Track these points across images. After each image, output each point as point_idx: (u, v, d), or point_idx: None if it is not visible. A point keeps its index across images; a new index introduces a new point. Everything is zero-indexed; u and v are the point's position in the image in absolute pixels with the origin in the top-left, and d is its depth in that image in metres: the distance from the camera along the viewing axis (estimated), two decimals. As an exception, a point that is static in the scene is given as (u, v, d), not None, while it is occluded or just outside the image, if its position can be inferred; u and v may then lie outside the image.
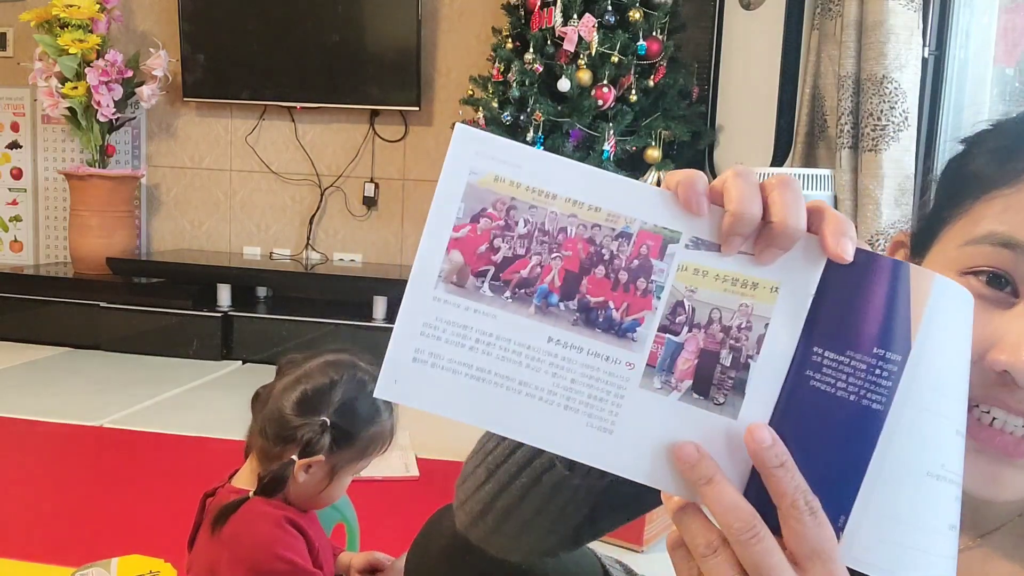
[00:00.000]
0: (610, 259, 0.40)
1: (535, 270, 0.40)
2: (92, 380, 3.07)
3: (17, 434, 2.43)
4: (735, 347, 0.40)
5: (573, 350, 0.40)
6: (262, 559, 1.01)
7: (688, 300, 0.40)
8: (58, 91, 3.69)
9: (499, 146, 0.41)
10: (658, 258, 0.40)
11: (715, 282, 0.40)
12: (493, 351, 0.40)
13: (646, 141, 3.09)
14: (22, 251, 4.34)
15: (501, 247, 0.40)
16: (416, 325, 0.41)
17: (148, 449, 2.28)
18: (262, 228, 4.22)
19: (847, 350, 0.39)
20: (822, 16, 2.71)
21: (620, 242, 0.40)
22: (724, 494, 0.40)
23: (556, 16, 3.07)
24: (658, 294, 0.40)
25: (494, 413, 0.41)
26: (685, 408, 0.41)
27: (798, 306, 0.40)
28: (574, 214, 0.40)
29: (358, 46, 3.84)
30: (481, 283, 0.40)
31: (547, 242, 0.40)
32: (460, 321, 0.40)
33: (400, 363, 0.42)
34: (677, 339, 0.40)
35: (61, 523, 1.82)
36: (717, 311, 0.40)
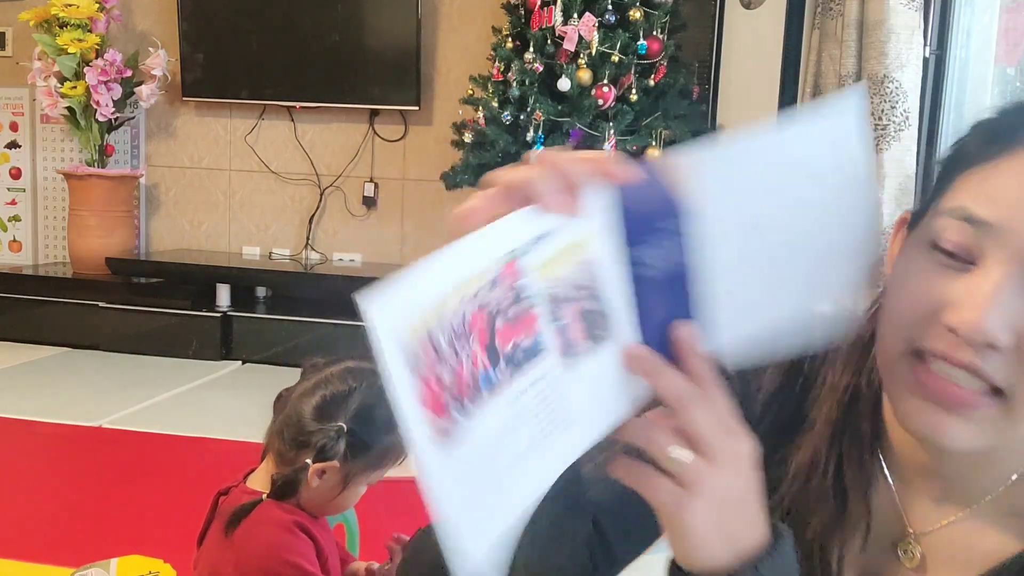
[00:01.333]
0: (497, 309, 0.43)
1: (467, 367, 0.42)
2: (92, 380, 3.06)
3: (17, 434, 2.42)
4: (592, 292, 0.47)
5: (523, 395, 0.44)
6: (270, 563, 1.01)
7: (553, 290, 0.45)
8: (57, 91, 3.69)
9: (401, 293, 0.43)
10: (519, 278, 0.44)
11: (559, 262, 0.45)
12: (489, 453, 0.44)
13: (646, 141, 3.09)
14: (21, 251, 4.34)
15: (443, 375, 0.41)
16: (461, 503, 0.43)
17: (148, 449, 2.28)
18: (261, 228, 4.22)
19: (648, 236, 0.48)
20: (823, 15, 2.71)
21: (495, 289, 0.43)
22: (672, 375, 0.48)
23: (556, 15, 3.07)
24: (535, 305, 0.44)
25: (522, 493, 0.46)
26: (593, 360, 0.47)
27: (610, 232, 0.47)
28: (461, 297, 0.42)
29: (358, 46, 3.83)
30: (454, 416, 0.42)
31: (463, 335, 0.42)
32: (470, 460, 0.42)
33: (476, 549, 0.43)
34: (564, 322, 0.46)
35: (61, 523, 1.81)
36: (571, 279, 0.46)
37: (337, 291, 3.68)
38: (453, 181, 3.37)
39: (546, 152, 0.47)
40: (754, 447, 0.51)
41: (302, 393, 1.09)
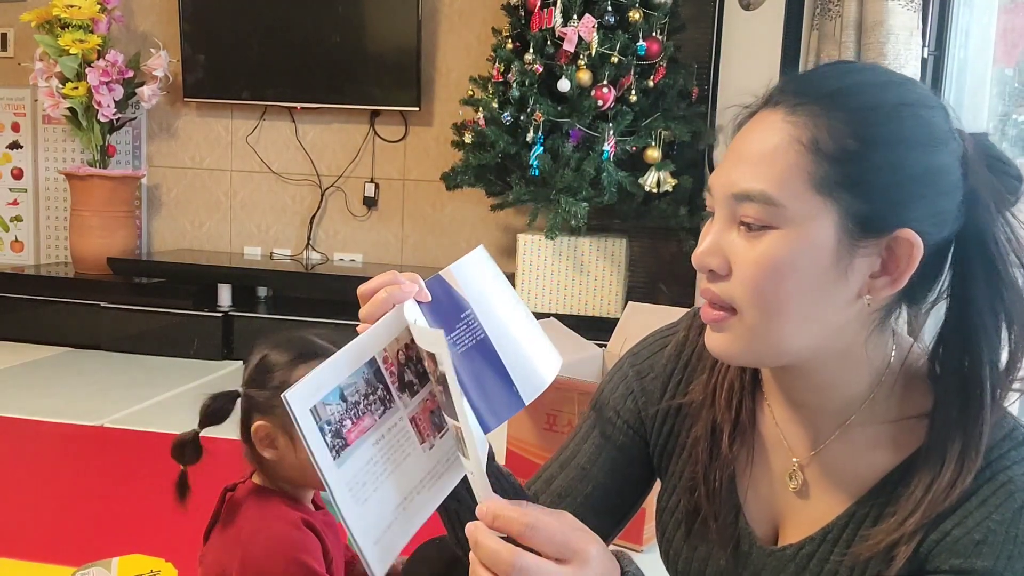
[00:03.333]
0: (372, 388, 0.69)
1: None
2: (92, 380, 3.07)
3: (17, 434, 2.43)
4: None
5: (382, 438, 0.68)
6: (277, 560, 1.01)
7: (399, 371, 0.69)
8: (59, 91, 3.70)
9: (311, 382, 0.61)
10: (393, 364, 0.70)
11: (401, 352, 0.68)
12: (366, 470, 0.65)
13: (646, 141, 3.10)
14: (23, 251, 4.35)
15: (347, 423, 0.62)
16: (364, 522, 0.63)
17: (148, 449, 2.29)
18: (262, 228, 4.22)
19: (455, 326, 0.67)
20: (822, 16, 2.71)
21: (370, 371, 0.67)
22: (489, 550, 0.58)
23: (556, 16, 3.08)
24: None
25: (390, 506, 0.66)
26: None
27: (433, 331, 0.63)
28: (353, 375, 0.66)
29: (358, 46, 3.84)
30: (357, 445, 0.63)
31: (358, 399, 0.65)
32: (363, 473, 0.63)
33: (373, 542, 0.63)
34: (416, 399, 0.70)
35: (61, 523, 1.82)
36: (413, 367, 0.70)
37: (338, 291, 3.69)
38: (453, 181, 3.38)
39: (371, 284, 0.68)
40: (601, 548, 0.61)
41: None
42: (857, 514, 0.69)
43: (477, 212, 3.90)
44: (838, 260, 0.64)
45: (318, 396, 0.60)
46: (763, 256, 0.64)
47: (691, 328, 0.85)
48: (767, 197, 0.64)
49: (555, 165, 3.07)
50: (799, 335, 0.66)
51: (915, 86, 0.67)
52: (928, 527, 0.64)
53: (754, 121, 0.69)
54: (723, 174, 0.68)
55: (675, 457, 0.83)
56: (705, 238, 0.69)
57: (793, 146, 0.64)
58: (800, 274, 0.64)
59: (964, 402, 0.65)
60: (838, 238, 0.63)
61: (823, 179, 0.63)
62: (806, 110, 0.64)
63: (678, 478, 0.82)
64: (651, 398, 0.85)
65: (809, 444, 0.73)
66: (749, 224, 0.65)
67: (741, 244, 0.66)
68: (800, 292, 0.64)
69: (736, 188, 0.66)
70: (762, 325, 0.66)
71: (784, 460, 0.75)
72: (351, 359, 0.63)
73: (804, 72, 0.71)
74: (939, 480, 0.64)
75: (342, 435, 0.60)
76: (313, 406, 0.59)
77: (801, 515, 0.73)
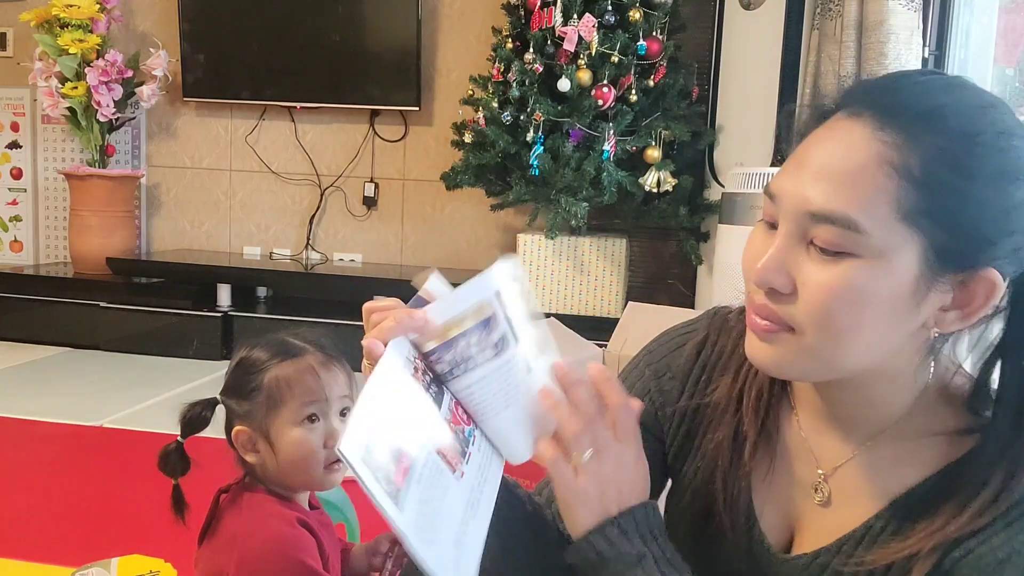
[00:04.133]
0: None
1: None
2: (92, 380, 3.07)
3: (17, 434, 2.43)
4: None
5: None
6: (274, 559, 1.01)
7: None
8: (58, 91, 3.69)
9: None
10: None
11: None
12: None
13: (646, 141, 3.09)
14: (22, 251, 4.34)
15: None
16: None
17: (148, 449, 2.27)
18: (262, 228, 4.22)
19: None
20: (822, 16, 2.71)
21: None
22: (568, 415, 0.66)
23: (556, 16, 3.07)
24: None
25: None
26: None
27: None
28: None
29: (358, 46, 3.84)
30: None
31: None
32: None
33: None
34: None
35: (61, 523, 1.82)
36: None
37: (337, 291, 3.69)
38: (453, 181, 3.38)
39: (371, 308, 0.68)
40: (638, 452, 0.68)
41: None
42: (875, 527, 0.68)
43: (477, 212, 3.89)
44: (914, 293, 0.60)
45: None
46: (837, 284, 0.60)
47: (711, 327, 0.82)
48: (850, 222, 0.59)
49: (555, 165, 3.06)
50: (856, 359, 0.63)
51: (1007, 111, 0.62)
52: (952, 544, 0.63)
53: (833, 129, 0.63)
54: (796, 186, 0.62)
55: (690, 458, 0.81)
56: (755, 244, 0.66)
57: (882, 168, 0.59)
58: (875, 305, 0.60)
59: (1017, 434, 0.63)
60: (919, 271, 0.59)
61: (911, 208, 0.58)
62: (898, 128, 0.59)
63: (691, 480, 0.81)
64: (668, 398, 0.83)
65: (835, 455, 0.72)
66: (822, 247, 0.61)
67: (811, 266, 0.61)
68: (871, 321, 0.61)
69: (814, 207, 0.60)
70: (822, 348, 0.63)
71: (808, 470, 0.74)
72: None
73: (891, 79, 0.64)
74: (975, 502, 0.62)
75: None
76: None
77: (818, 524, 0.72)
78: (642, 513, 0.66)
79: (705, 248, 3.30)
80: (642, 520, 0.66)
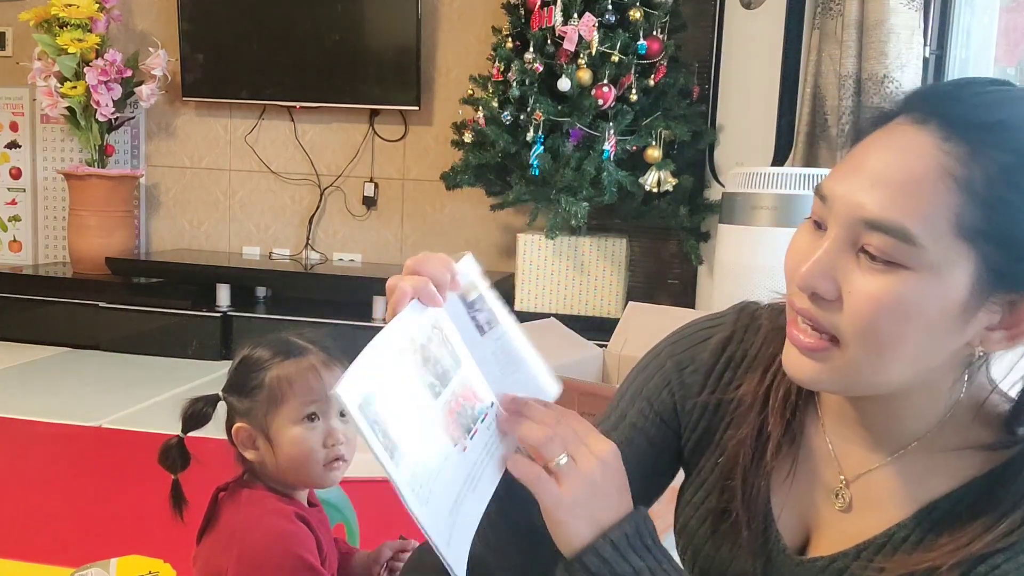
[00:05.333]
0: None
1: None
2: (92, 380, 3.07)
3: (17, 434, 2.42)
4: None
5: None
6: (273, 553, 1.01)
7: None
8: (57, 91, 3.69)
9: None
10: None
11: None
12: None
13: (646, 141, 3.09)
14: (21, 251, 4.34)
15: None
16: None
17: (148, 449, 2.27)
18: (261, 228, 4.22)
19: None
20: (823, 15, 2.71)
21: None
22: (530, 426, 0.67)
23: (556, 15, 3.07)
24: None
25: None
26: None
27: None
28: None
29: (358, 46, 3.83)
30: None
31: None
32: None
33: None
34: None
35: (61, 523, 1.81)
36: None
37: (337, 291, 3.69)
38: (453, 181, 3.37)
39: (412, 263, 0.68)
40: (612, 451, 0.67)
41: None
42: (896, 535, 0.67)
43: (477, 212, 3.89)
44: (963, 311, 0.58)
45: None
46: (886, 295, 0.58)
47: (738, 323, 0.81)
48: (906, 234, 0.57)
49: (555, 165, 3.06)
50: (897, 375, 0.62)
51: None
52: (977, 560, 0.61)
53: (893, 134, 0.60)
54: (850, 190, 0.60)
55: (708, 452, 0.80)
56: (800, 245, 0.64)
57: (944, 180, 0.57)
58: (922, 320, 0.58)
59: None
60: (970, 289, 0.58)
61: (970, 224, 0.56)
62: (963, 140, 0.57)
63: (708, 474, 0.80)
64: (689, 391, 0.81)
65: (860, 463, 0.71)
66: (873, 255, 0.59)
67: (860, 275, 0.59)
68: (916, 337, 0.59)
69: (868, 214, 0.58)
70: (865, 362, 0.61)
71: (831, 475, 0.73)
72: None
73: (958, 88, 0.61)
74: (1006, 520, 0.61)
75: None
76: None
77: (837, 529, 0.71)
78: (632, 526, 0.65)
79: (705, 248, 3.30)
80: (633, 533, 0.65)
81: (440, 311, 0.67)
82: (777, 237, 2.41)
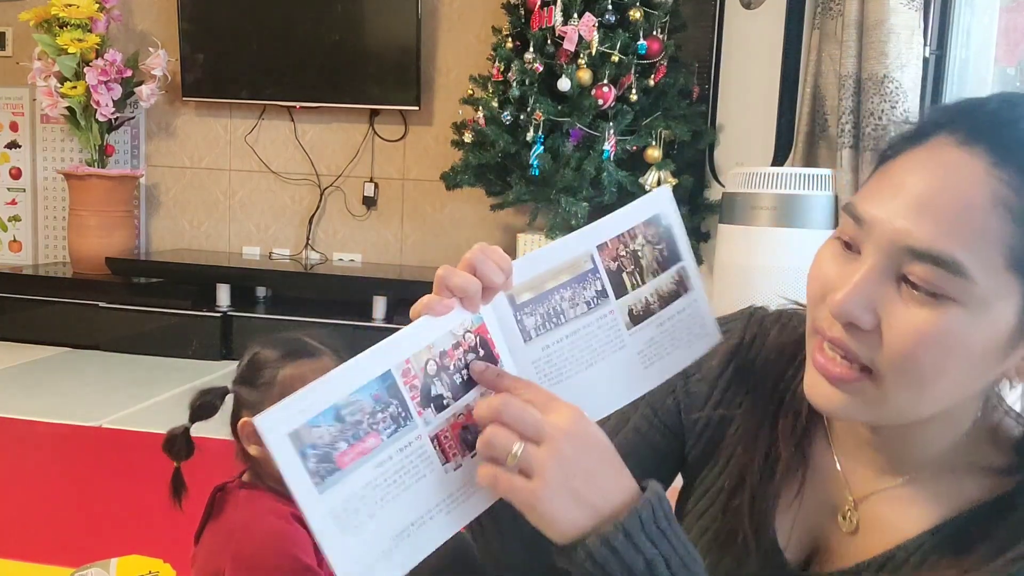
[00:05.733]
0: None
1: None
2: (92, 380, 3.07)
3: (17, 434, 2.42)
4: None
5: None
6: (269, 553, 1.01)
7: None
8: (57, 91, 3.69)
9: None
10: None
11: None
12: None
13: (646, 141, 3.09)
14: (21, 251, 4.34)
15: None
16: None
17: (146, 450, 2.28)
18: (261, 228, 4.22)
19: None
20: (823, 15, 2.71)
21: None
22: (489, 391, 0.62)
23: (556, 15, 3.07)
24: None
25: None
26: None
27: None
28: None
29: (358, 46, 3.83)
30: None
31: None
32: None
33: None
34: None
35: (61, 523, 1.81)
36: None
37: (337, 291, 3.69)
38: (453, 181, 3.37)
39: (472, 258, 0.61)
40: (576, 416, 0.58)
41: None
42: (897, 556, 0.65)
43: (477, 212, 3.89)
44: (1007, 344, 0.56)
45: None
46: (931, 328, 0.55)
47: (747, 332, 0.78)
48: (957, 266, 0.53)
49: (555, 165, 3.06)
50: (931, 407, 0.59)
51: None
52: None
53: (936, 155, 0.56)
54: (892, 214, 0.56)
55: (711, 464, 0.78)
56: (828, 267, 0.60)
57: (997, 210, 0.53)
58: (964, 354, 0.55)
59: None
60: (1016, 322, 0.55)
61: (1021, 256, 0.53)
62: (1017, 167, 0.53)
63: (711, 486, 0.77)
64: (695, 401, 0.78)
65: (869, 484, 0.69)
66: (917, 285, 0.55)
67: (901, 305, 0.56)
68: (957, 371, 0.56)
69: (916, 243, 0.54)
70: (900, 395, 0.58)
71: (837, 495, 0.71)
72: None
73: (1007, 107, 0.57)
74: (1013, 549, 0.58)
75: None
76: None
77: (843, 549, 0.70)
78: (648, 510, 0.57)
79: (705, 248, 3.30)
80: (648, 518, 0.57)
81: (476, 314, 0.62)
82: (777, 237, 2.41)
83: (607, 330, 0.67)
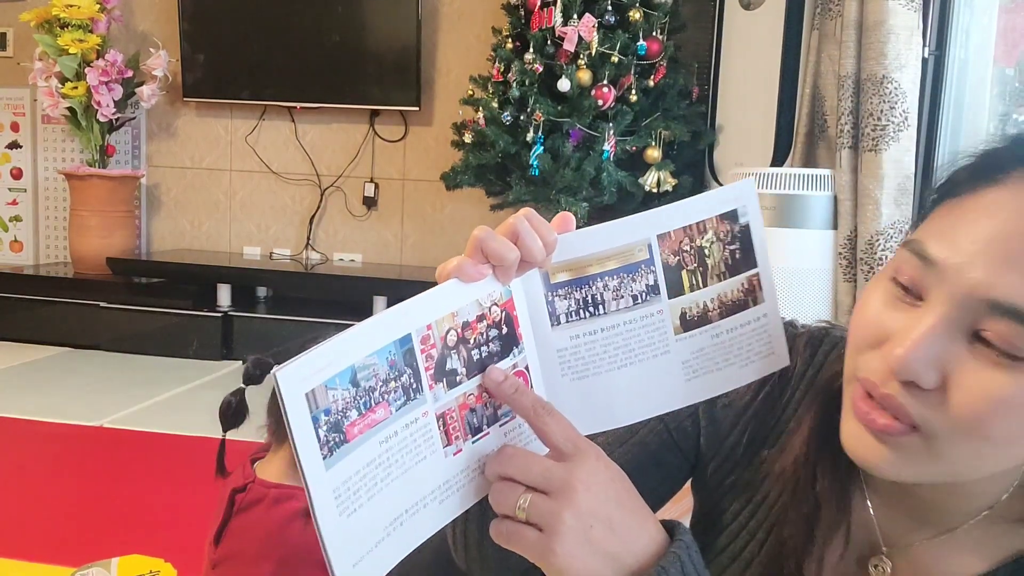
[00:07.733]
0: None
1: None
2: (92, 380, 3.07)
3: (17, 434, 2.43)
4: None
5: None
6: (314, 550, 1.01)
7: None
8: (58, 91, 3.69)
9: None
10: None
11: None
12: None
13: (646, 141, 3.09)
14: (22, 251, 4.34)
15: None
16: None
17: (148, 449, 2.28)
18: (262, 228, 4.22)
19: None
20: (822, 16, 2.71)
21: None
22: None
23: (556, 16, 3.07)
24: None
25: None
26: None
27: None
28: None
29: (358, 46, 3.84)
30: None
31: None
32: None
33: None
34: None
35: (61, 523, 1.82)
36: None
37: (337, 291, 3.70)
38: (453, 181, 3.38)
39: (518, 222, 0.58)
40: (594, 458, 0.53)
41: None
42: None
43: (477, 212, 3.89)
44: None
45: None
46: (1007, 394, 0.48)
47: (795, 356, 0.70)
48: None
49: (555, 165, 3.06)
50: (989, 469, 0.54)
51: None
52: None
53: (1021, 196, 0.50)
54: (969, 260, 0.50)
55: (742, 501, 0.72)
56: (879, 313, 0.54)
57: None
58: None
59: None
60: None
61: None
62: None
63: (744, 523, 0.71)
64: (718, 429, 0.72)
65: (905, 536, 0.63)
66: (992, 343, 0.49)
67: (974, 365, 0.49)
68: (1021, 434, 0.51)
69: (1002, 297, 0.48)
70: (957, 457, 0.52)
71: (870, 545, 0.65)
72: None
73: None
74: None
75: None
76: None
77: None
78: (676, 566, 0.52)
79: (705, 248, 3.30)
80: (676, 574, 0.53)
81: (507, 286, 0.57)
82: (776, 237, 2.41)
83: (651, 331, 0.60)
